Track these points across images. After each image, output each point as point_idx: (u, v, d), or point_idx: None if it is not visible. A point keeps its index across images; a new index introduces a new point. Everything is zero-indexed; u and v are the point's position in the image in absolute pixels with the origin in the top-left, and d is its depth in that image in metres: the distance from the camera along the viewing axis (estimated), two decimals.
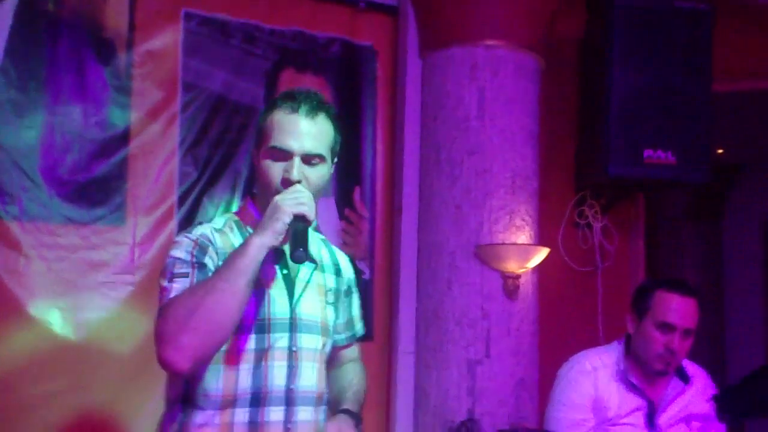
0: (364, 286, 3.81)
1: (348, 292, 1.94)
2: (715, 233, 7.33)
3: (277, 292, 1.72)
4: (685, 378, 2.44)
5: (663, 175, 3.79)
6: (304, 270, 1.78)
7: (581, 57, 4.14)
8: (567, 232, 4.12)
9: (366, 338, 3.73)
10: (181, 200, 3.49)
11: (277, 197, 1.65)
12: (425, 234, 3.81)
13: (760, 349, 6.76)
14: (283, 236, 1.64)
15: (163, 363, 1.59)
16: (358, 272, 3.74)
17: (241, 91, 3.62)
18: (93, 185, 3.31)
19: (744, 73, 4.37)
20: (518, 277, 3.66)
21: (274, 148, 1.71)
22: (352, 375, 1.94)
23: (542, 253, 3.67)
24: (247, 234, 1.73)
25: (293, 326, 1.72)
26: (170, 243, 3.33)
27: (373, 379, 3.73)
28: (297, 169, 1.69)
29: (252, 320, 1.68)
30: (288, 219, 1.62)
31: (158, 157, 3.44)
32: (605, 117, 3.80)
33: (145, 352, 3.29)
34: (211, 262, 1.68)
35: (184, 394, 1.70)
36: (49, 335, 3.18)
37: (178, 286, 1.66)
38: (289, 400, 1.70)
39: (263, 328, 1.69)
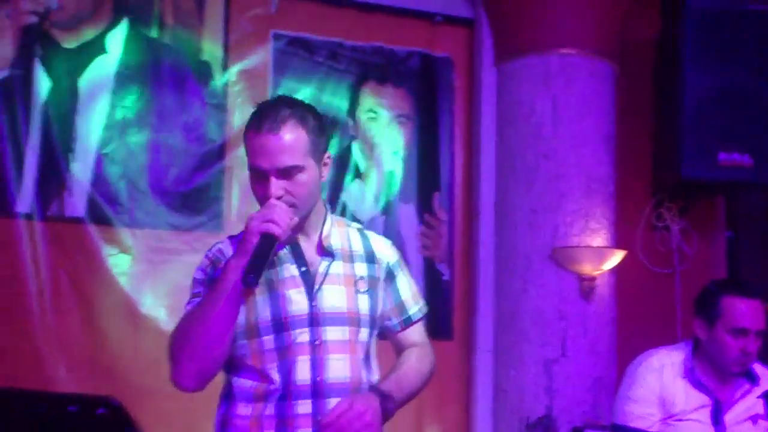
0: (443, 287, 4.01)
1: (389, 278, 1.89)
2: None
3: (294, 290, 1.75)
4: (752, 378, 2.47)
5: (739, 177, 3.82)
6: (323, 263, 1.78)
7: (655, 60, 4.18)
8: (645, 234, 4.17)
9: (445, 337, 3.96)
10: None
11: (250, 215, 1.69)
12: (502, 237, 3.96)
13: None
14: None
15: (172, 382, 1.71)
16: (437, 273, 3.99)
17: (326, 104, 3.86)
18: (194, 195, 3.63)
19: None
20: (594, 279, 3.76)
21: (250, 167, 1.74)
22: (404, 359, 1.89)
23: (618, 256, 3.76)
24: None
25: (314, 320, 1.74)
26: None
27: (453, 377, 3.96)
28: (273, 186, 1.68)
29: (269, 322, 1.73)
30: (255, 239, 1.63)
31: None
32: (679, 119, 3.86)
33: None
34: None
35: (226, 388, 1.79)
36: (157, 331, 3.49)
37: (189, 308, 1.78)
38: (317, 392, 1.72)
39: (281, 327, 1.73)
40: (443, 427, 3.92)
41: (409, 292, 1.93)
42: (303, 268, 1.77)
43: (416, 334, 1.94)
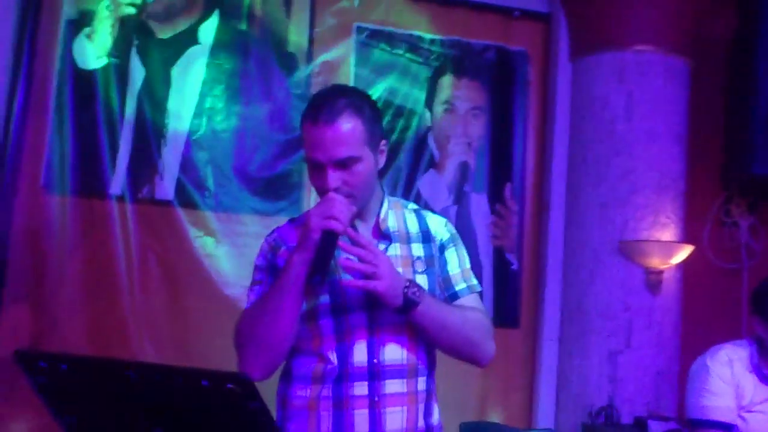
0: (512, 277, 4.12)
1: (440, 252, 1.86)
2: None
3: (349, 275, 1.72)
4: None
5: None
6: (380, 247, 1.76)
7: (728, 57, 4.18)
8: (713, 230, 4.20)
9: (512, 325, 4.07)
10: None
11: (310, 211, 1.70)
12: (571, 229, 4.04)
13: None
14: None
15: (240, 370, 1.73)
16: (506, 263, 4.09)
17: (404, 96, 3.99)
18: (276, 181, 3.81)
19: None
20: (661, 272, 3.82)
21: (308, 159, 1.72)
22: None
23: (686, 251, 3.81)
24: None
25: (369, 304, 1.72)
26: None
27: (518, 364, 4.07)
28: (331, 178, 1.67)
29: (328, 306, 1.73)
30: (316, 236, 1.63)
31: None
32: (751, 116, 3.86)
33: None
34: (283, 262, 1.74)
35: (285, 370, 1.81)
36: (237, 310, 3.67)
37: (253, 296, 1.80)
38: (373, 374, 1.72)
39: (339, 311, 1.73)
40: (507, 412, 4.04)
41: (458, 268, 1.86)
42: None
43: (468, 302, 1.85)
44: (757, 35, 3.81)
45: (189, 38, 3.74)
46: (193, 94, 3.73)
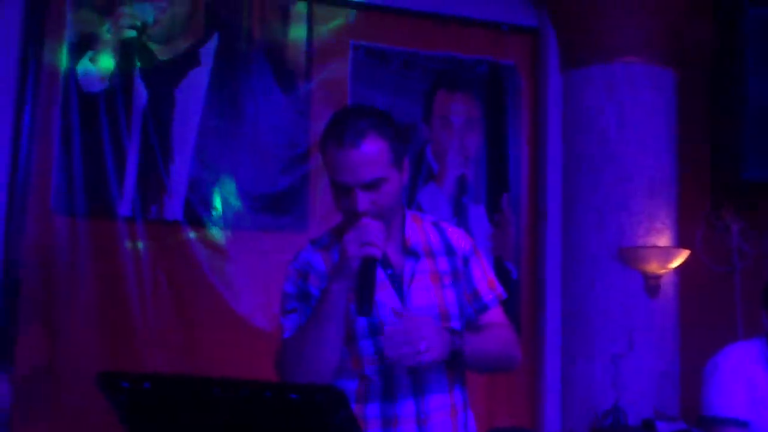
0: (512, 286, 4.19)
1: (465, 266, 1.87)
2: None
3: (384, 294, 1.75)
4: None
5: None
6: (409, 264, 1.79)
7: (713, 65, 4.33)
8: (705, 234, 4.33)
9: None
10: None
11: (345, 238, 1.67)
12: (569, 237, 4.14)
13: None
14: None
15: None
16: (506, 271, 4.17)
17: (400, 110, 4.05)
18: (281, 197, 3.84)
19: None
20: (659, 277, 3.93)
21: (333, 182, 1.73)
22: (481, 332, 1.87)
23: (682, 255, 3.93)
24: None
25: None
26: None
27: (521, 371, 4.13)
28: (361, 201, 1.68)
29: (366, 328, 1.75)
30: (356, 264, 1.63)
31: None
32: (740, 123, 4.02)
33: None
34: (314, 288, 1.76)
35: None
36: (250, 329, 3.70)
37: (289, 324, 1.79)
38: (418, 390, 1.74)
39: (377, 330, 1.74)
40: (514, 419, 4.10)
41: (483, 279, 1.89)
42: (389, 271, 1.78)
43: (494, 318, 1.89)
44: (743, 44, 3.97)
45: (190, 60, 3.77)
46: (196, 114, 3.76)
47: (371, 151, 1.68)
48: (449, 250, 1.85)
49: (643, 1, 4.01)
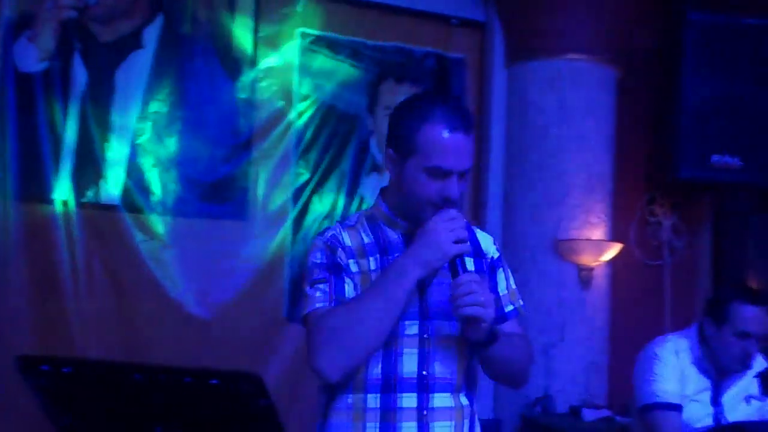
0: None
1: (491, 272, 1.83)
2: None
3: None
4: (749, 366, 2.65)
5: (729, 178, 4.12)
6: None
7: (655, 67, 4.45)
8: (639, 228, 4.46)
9: None
10: (295, 198, 3.98)
11: (435, 231, 1.64)
12: (508, 229, 4.21)
13: None
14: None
15: (315, 371, 1.65)
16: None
17: (347, 101, 4.08)
18: (222, 185, 3.83)
19: None
20: (592, 269, 4.03)
21: (434, 167, 1.65)
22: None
23: (615, 248, 4.04)
24: (378, 228, 1.77)
25: (423, 314, 1.70)
26: (285, 235, 3.91)
27: None
28: (456, 188, 1.66)
29: None
30: (447, 261, 1.62)
31: (276, 160, 3.93)
32: (677, 123, 4.13)
33: (263, 329, 3.85)
34: (342, 262, 1.72)
35: None
36: (186, 315, 3.69)
37: (319, 294, 1.70)
38: (422, 386, 1.69)
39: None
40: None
41: (507, 289, 1.85)
42: None
43: (513, 328, 1.85)
44: (682, 48, 4.08)
45: (132, 42, 3.72)
46: (137, 98, 3.71)
47: (473, 141, 1.68)
48: (477, 252, 1.82)
49: (589, 0, 4.09)
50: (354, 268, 1.71)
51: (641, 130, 4.44)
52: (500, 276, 1.85)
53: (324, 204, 4.02)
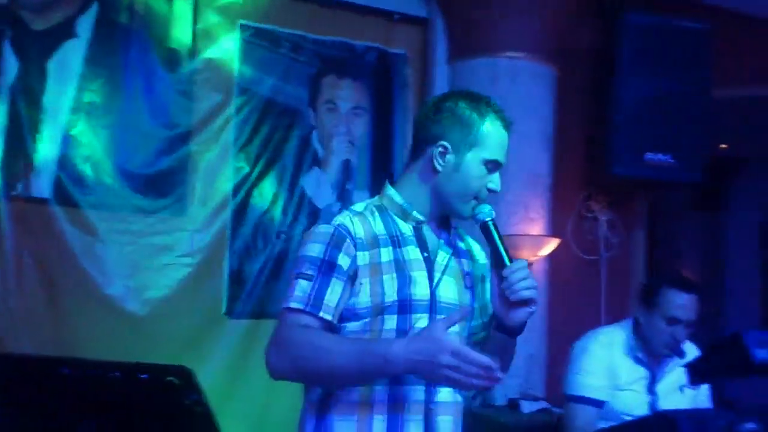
0: None
1: (483, 278, 1.88)
2: (716, 223, 7.79)
3: (418, 273, 1.72)
4: (681, 354, 2.74)
5: (662, 176, 4.23)
6: (442, 254, 1.79)
7: (593, 66, 4.53)
8: (576, 224, 4.55)
9: None
10: (235, 193, 3.92)
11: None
12: None
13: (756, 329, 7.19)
14: None
15: (266, 360, 1.63)
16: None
17: (287, 94, 4.04)
18: (159, 178, 3.75)
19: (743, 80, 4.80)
20: (531, 264, 4.09)
21: (493, 160, 1.77)
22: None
23: (553, 244, 4.10)
24: (389, 219, 1.77)
25: (432, 308, 1.72)
26: (224, 230, 3.85)
27: None
28: (500, 182, 1.80)
29: (396, 302, 1.69)
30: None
31: (215, 153, 3.88)
32: (612, 122, 4.22)
33: (202, 326, 3.79)
34: (345, 257, 1.68)
35: None
36: (119, 311, 3.61)
37: (299, 293, 1.66)
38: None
39: (406, 308, 1.70)
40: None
41: (494, 296, 1.82)
42: (425, 254, 1.76)
43: None
44: (618, 48, 4.17)
45: (66, 31, 3.60)
46: (70, 89, 3.60)
47: None
48: (472, 257, 1.89)
49: None
50: (363, 260, 1.70)
51: (579, 128, 4.52)
52: (488, 284, 1.88)
53: (264, 198, 3.98)
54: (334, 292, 1.67)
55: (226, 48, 3.90)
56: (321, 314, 1.65)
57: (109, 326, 3.58)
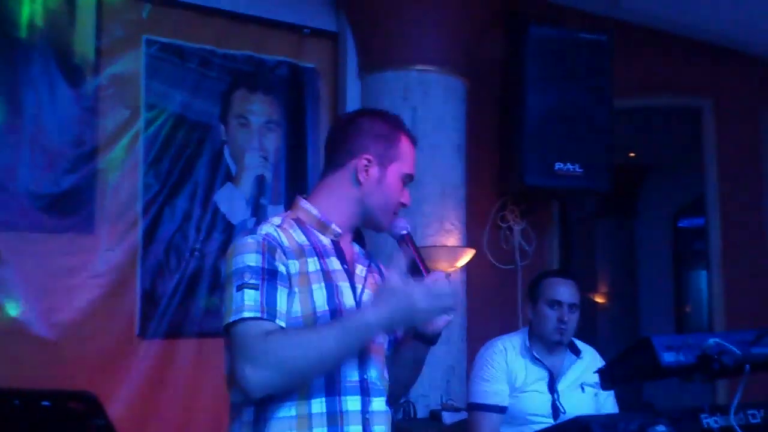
0: None
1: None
2: (628, 228, 8.08)
3: (343, 284, 1.74)
4: (576, 351, 2.93)
5: (571, 185, 4.34)
6: (359, 266, 1.83)
7: (501, 78, 4.63)
8: (491, 234, 4.62)
9: None
10: (145, 210, 3.83)
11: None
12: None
13: (670, 330, 7.51)
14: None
15: (240, 383, 1.59)
16: None
17: (198, 110, 3.98)
18: (65, 197, 3.63)
19: (642, 90, 5.00)
20: (448, 275, 4.13)
21: (406, 174, 1.86)
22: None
23: (469, 254, 4.16)
24: (309, 232, 1.77)
25: None
26: (135, 248, 3.76)
27: None
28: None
29: (327, 312, 1.69)
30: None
31: (124, 171, 3.78)
32: (521, 133, 4.32)
33: (115, 348, 3.68)
34: (281, 265, 1.67)
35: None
36: (28, 336, 3.46)
37: (249, 303, 1.61)
38: (364, 390, 1.72)
39: (337, 317, 1.69)
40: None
41: None
42: (345, 266, 1.77)
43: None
44: (524, 61, 4.27)
45: None
46: None
47: None
48: (381, 273, 1.92)
49: (438, 12, 4.19)
50: (294, 268, 1.69)
51: (490, 139, 4.61)
52: None
53: (176, 215, 3.90)
54: (281, 299, 1.65)
55: (132, 64, 3.82)
56: (277, 321, 1.62)
57: (16, 352, 3.44)
